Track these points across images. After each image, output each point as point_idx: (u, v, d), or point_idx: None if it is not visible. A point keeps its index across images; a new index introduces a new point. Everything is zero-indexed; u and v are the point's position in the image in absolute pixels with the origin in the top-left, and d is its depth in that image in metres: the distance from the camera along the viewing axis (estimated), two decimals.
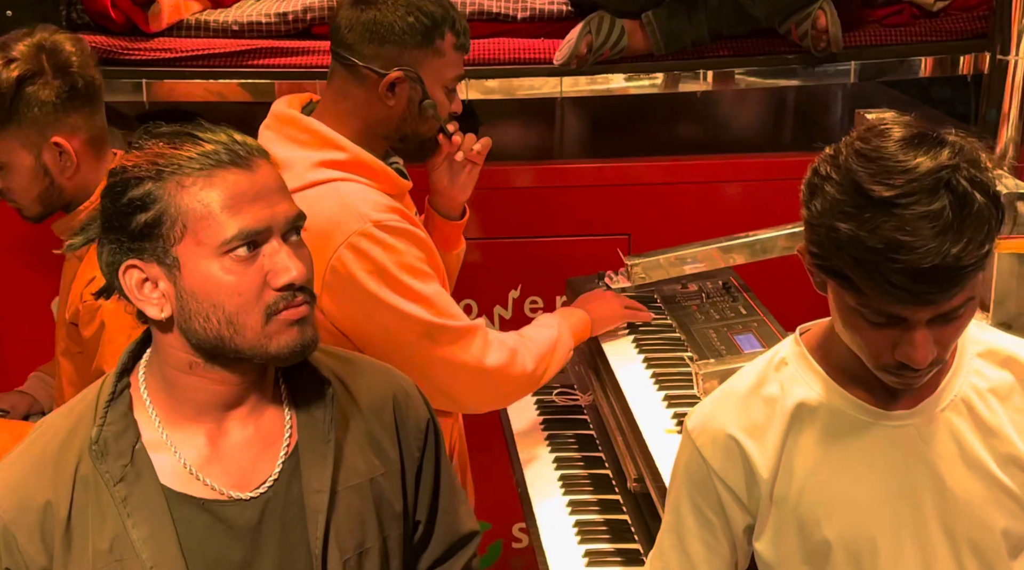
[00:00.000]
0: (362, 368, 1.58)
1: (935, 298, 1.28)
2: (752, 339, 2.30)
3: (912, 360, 1.33)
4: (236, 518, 1.42)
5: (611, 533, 2.18)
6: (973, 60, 2.89)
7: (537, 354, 2.19)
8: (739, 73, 2.93)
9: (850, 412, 1.47)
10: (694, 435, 1.53)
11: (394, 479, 1.52)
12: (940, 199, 1.25)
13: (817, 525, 1.47)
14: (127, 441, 1.41)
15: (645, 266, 2.51)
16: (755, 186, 2.98)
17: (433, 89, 2.06)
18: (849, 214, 1.27)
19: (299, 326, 1.40)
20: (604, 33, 2.79)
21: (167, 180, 1.36)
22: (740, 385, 1.54)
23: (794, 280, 2.83)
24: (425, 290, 2.03)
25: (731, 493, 1.51)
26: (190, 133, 1.40)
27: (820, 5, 2.79)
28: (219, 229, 1.36)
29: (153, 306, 1.39)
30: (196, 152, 1.37)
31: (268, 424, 1.46)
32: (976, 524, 1.46)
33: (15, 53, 1.94)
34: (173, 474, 1.41)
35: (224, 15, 2.85)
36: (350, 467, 1.48)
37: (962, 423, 1.47)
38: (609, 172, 3.03)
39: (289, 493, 1.44)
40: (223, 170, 1.36)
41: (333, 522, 1.44)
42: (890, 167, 1.27)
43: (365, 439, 1.51)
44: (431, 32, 2.02)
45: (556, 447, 2.47)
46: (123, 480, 1.39)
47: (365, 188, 2.03)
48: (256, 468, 1.44)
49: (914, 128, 1.31)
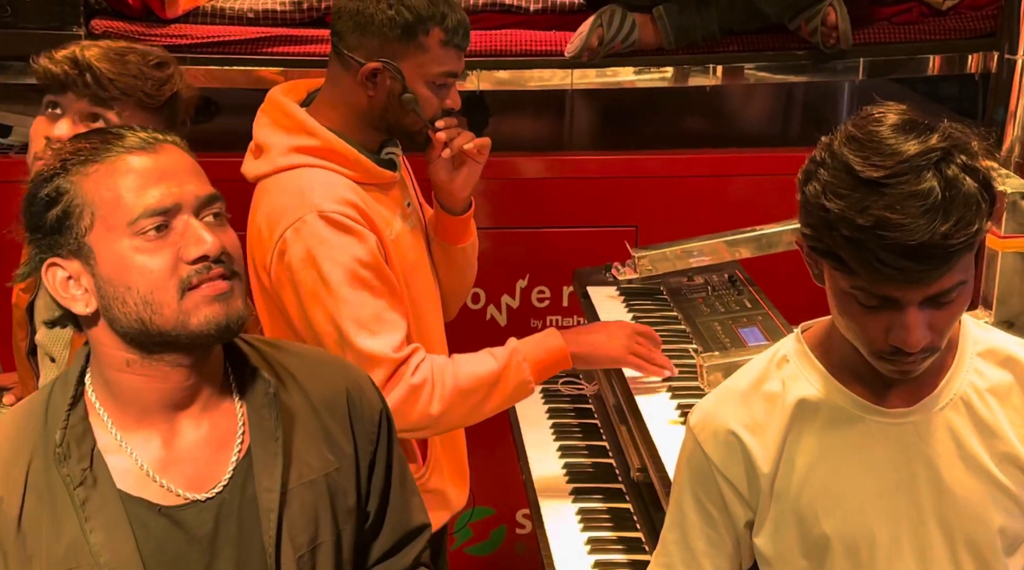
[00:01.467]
0: (314, 362, 1.55)
1: (924, 277, 1.30)
2: (757, 332, 2.31)
3: (905, 343, 1.34)
4: (193, 522, 1.40)
5: (613, 521, 2.21)
6: (981, 59, 2.90)
7: (453, 393, 2.02)
8: (748, 68, 2.94)
9: (850, 409, 1.48)
10: (696, 430, 1.55)
11: (348, 473, 1.50)
12: (929, 180, 1.28)
13: (816, 520, 1.49)
14: (87, 444, 1.40)
15: (652, 258, 2.53)
16: (762, 181, 3.00)
17: (414, 83, 2.03)
18: (840, 194, 1.30)
19: (220, 301, 1.37)
20: (615, 26, 2.80)
21: (72, 172, 1.37)
22: (741, 382, 1.56)
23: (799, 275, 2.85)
24: (347, 294, 1.96)
25: (732, 488, 1.53)
26: (101, 132, 1.42)
27: (830, 2, 2.79)
28: (126, 210, 1.35)
29: (78, 301, 1.39)
30: (100, 142, 1.38)
31: (221, 423, 1.45)
32: (973, 521, 1.48)
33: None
34: (129, 478, 1.40)
35: (239, 3, 2.87)
36: (302, 463, 1.46)
37: (961, 421, 1.48)
38: (618, 164, 3.04)
39: (244, 494, 1.43)
40: (127, 154, 1.37)
41: (286, 519, 1.42)
42: (881, 150, 1.30)
43: (318, 434, 1.49)
44: (413, 27, 1.99)
45: (561, 436, 2.50)
46: (83, 484, 1.37)
47: (332, 176, 2.01)
48: (211, 468, 1.43)
49: (907, 115, 1.34)
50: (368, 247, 1.98)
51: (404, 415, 1.97)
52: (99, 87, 1.86)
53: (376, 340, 1.97)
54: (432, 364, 2.02)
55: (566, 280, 2.89)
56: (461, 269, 2.30)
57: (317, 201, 1.96)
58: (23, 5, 2.65)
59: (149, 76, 1.90)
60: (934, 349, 1.38)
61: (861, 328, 1.38)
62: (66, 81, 1.86)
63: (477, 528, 3.15)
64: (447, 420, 2.05)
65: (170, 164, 1.39)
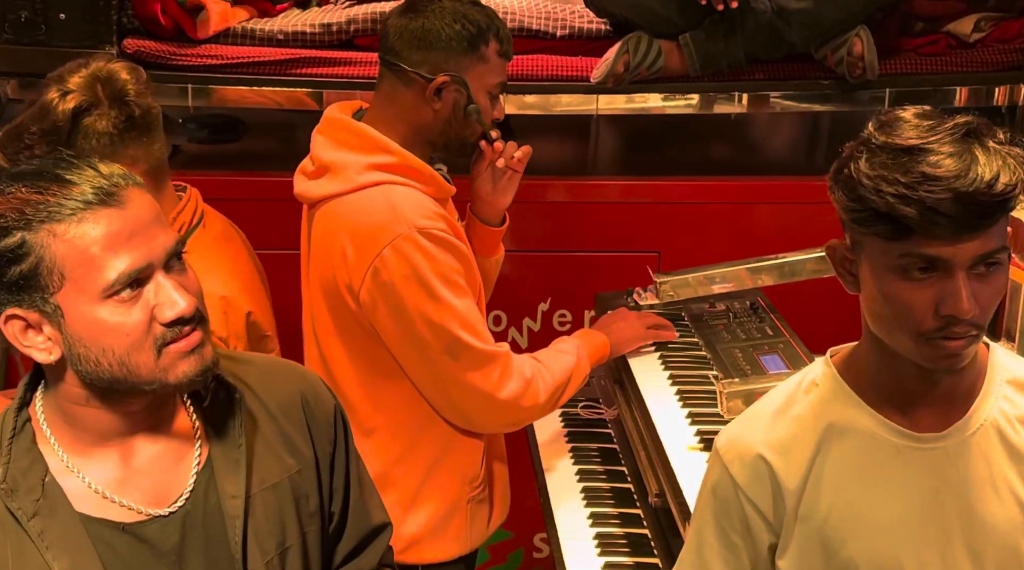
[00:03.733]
0: (265, 369, 1.55)
1: (974, 226, 1.32)
2: (778, 360, 2.31)
3: (958, 309, 1.34)
4: (158, 537, 1.40)
5: (631, 546, 2.20)
6: (1008, 91, 2.90)
7: (552, 385, 2.20)
8: (774, 97, 2.95)
9: (880, 433, 1.48)
10: (722, 453, 1.55)
11: (310, 475, 1.51)
12: (963, 141, 1.34)
13: (843, 544, 1.48)
14: (35, 475, 1.38)
15: (674, 284, 2.53)
16: (786, 209, 3.00)
17: (477, 94, 2.12)
18: (883, 163, 1.34)
19: (196, 353, 1.37)
20: (641, 53, 2.82)
21: (37, 230, 1.31)
22: (769, 405, 1.56)
23: (821, 303, 2.85)
24: (457, 304, 2.06)
25: (757, 511, 1.52)
26: (53, 173, 1.34)
27: (857, 32, 2.80)
28: (99, 274, 1.31)
29: (40, 351, 1.36)
30: (64, 196, 1.31)
31: (177, 437, 1.44)
32: (1003, 549, 1.47)
33: (70, 84, 1.91)
34: (88, 500, 1.39)
35: (270, 24, 2.91)
36: (264, 469, 1.46)
37: (992, 448, 1.47)
38: (642, 190, 3.05)
39: (207, 503, 1.42)
40: (94, 212, 1.31)
41: (252, 525, 1.42)
42: (911, 125, 1.36)
43: (277, 439, 1.49)
44: (476, 39, 2.08)
45: (579, 459, 2.50)
46: (37, 514, 1.36)
47: (414, 192, 2.07)
48: (171, 483, 1.42)
49: (925, 110, 1.40)
50: (463, 257, 2.09)
51: (519, 407, 2.16)
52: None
53: (488, 341, 2.11)
54: (529, 360, 2.19)
55: (588, 304, 2.89)
56: (489, 281, 2.38)
57: (412, 218, 2.03)
58: (57, 24, 2.69)
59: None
60: (980, 327, 1.38)
61: (908, 309, 1.37)
62: None
63: (495, 551, 3.15)
64: (547, 409, 2.23)
65: (137, 217, 1.34)
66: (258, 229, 2.42)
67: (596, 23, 2.96)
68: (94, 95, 1.91)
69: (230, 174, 2.97)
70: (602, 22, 2.96)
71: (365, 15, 2.89)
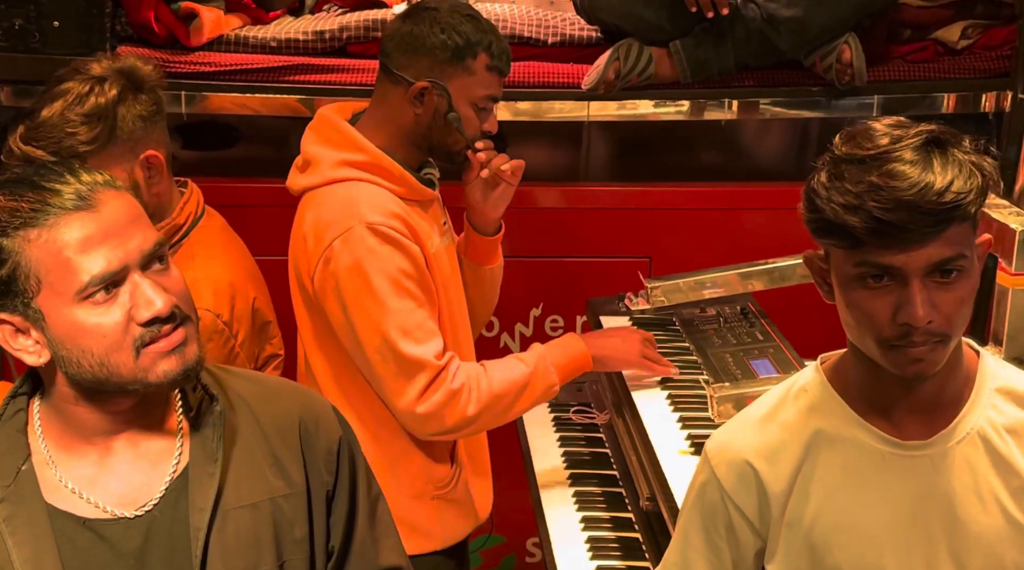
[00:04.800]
0: (272, 390, 1.55)
1: (921, 236, 1.33)
2: (768, 364, 2.33)
3: (912, 317, 1.35)
4: (119, 538, 1.40)
5: (622, 550, 2.22)
6: (995, 98, 2.93)
7: (488, 397, 2.14)
8: (764, 103, 2.97)
9: (867, 441, 1.49)
10: (711, 457, 1.56)
11: (298, 502, 1.48)
12: (920, 150, 1.35)
13: (829, 550, 1.49)
14: (12, 462, 1.40)
15: (665, 289, 2.55)
16: (776, 214, 3.01)
17: (459, 104, 2.14)
18: (839, 174, 1.36)
19: (176, 353, 1.38)
20: (632, 60, 2.84)
21: (13, 236, 1.34)
22: (758, 411, 1.57)
23: (811, 308, 2.86)
24: (394, 304, 2.06)
25: (743, 516, 1.54)
26: (31, 181, 1.37)
27: (845, 39, 2.82)
28: (73, 277, 1.33)
29: (30, 355, 1.39)
30: (39, 202, 1.34)
31: (158, 443, 1.45)
32: (987, 557, 1.47)
33: (102, 73, 1.96)
34: (59, 494, 1.40)
35: (263, 32, 2.92)
36: (243, 487, 1.45)
37: (978, 456, 1.48)
38: (633, 196, 3.08)
39: (176, 512, 1.42)
40: (67, 216, 1.34)
41: (219, 542, 1.41)
42: (874, 136, 1.38)
43: (266, 460, 1.48)
44: (462, 51, 2.11)
45: (571, 464, 2.51)
46: (4, 500, 1.38)
47: (379, 190, 2.10)
48: (144, 487, 1.43)
49: (900, 120, 1.42)
50: (412, 259, 2.08)
51: (443, 418, 2.12)
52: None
53: (420, 347, 2.08)
54: (468, 370, 2.15)
55: (580, 309, 2.91)
56: (487, 290, 2.40)
57: (365, 213, 2.06)
58: (51, 31, 2.70)
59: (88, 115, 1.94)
60: (943, 335, 1.38)
61: (868, 316, 1.39)
62: None
63: (488, 556, 3.16)
64: (481, 422, 2.17)
65: (111, 219, 1.36)
66: (251, 235, 2.43)
67: (587, 30, 2.98)
68: (127, 81, 1.98)
69: (226, 180, 2.99)
70: (593, 29, 2.98)
71: (358, 23, 2.90)
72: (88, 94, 1.94)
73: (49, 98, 1.94)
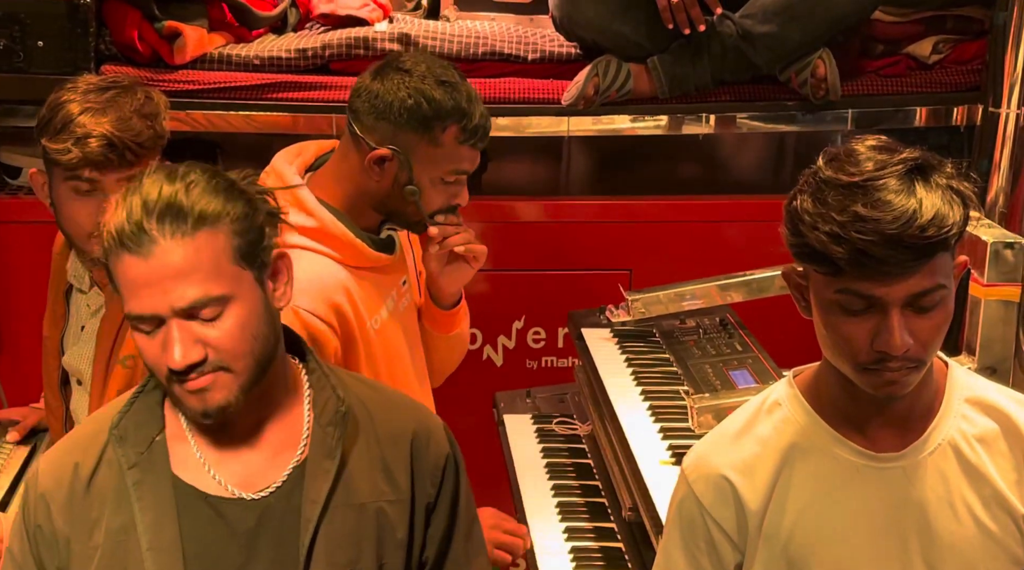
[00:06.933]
0: (391, 401, 1.64)
1: (903, 269, 1.34)
2: (747, 375, 2.35)
3: (889, 346, 1.37)
4: (236, 517, 1.49)
5: (605, 560, 2.23)
6: (966, 112, 2.96)
7: None
8: (740, 117, 3.00)
9: (840, 453, 1.51)
10: (687, 473, 1.58)
11: (402, 508, 1.56)
12: (904, 180, 1.35)
13: (806, 563, 1.51)
14: (148, 431, 1.52)
15: (645, 301, 2.58)
16: (754, 227, 3.05)
17: (421, 176, 1.99)
18: (822, 200, 1.37)
19: (198, 395, 1.45)
20: (611, 76, 2.87)
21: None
22: (733, 426, 1.59)
23: (788, 319, 2.90)
24: None
25: (722, 531, 1.55)
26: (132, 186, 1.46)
27: (820, 55, 2.86)
28: (124, 304, 1.46)
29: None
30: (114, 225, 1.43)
31: (285, 432, 1.54)
32: (960, 565, 1.50)
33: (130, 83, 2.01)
34: (186, 467, 1.51)
35: (246, 50, 2.94)
36: (354, 486, 1.53)
37: (950, 467, 1.50)
38: (613, 209, 3.10)
39: (290, 502, 1.51)
40: (121, 252, 1.43)
41: (326, 535, 1.49)
42: (857, 160, 1.39)
43: (378, 465, 1.56)
44: (430, 121, 1.96)
45: (554, 475, 2.53)
46: (136, 466, 1.49)
47: (323, 264, 1.97)
48: (265, 472, 1.52)
49: (883, 140, 1.43)
50: (328, 347, 1.94)
51: None
52: (135, 156, 1.93)
53: None
54: None
55: (561, 322, 2.93)
56: (446, 353, 2.29)
57: (297, 297, 1.74)
58: (35, 51, 2.71)
59: (152, 116, 1.97)
60: (918, 361, 1.41)
61: (846, 340, 1.40)
62: (107, 164, 1.92)
63: None
64: None
65: (159, 270, 1.42)
66: None
67: (566, 47, 3.01)
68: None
69: None
70: (572, 46, 3.01)
71: (340, 40, 2.93)
72: (135, 93, 1.97)
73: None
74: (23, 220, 2.90)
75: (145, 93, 2.00)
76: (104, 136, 1.90)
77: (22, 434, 2.48)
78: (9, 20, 2.69)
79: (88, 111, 1.93)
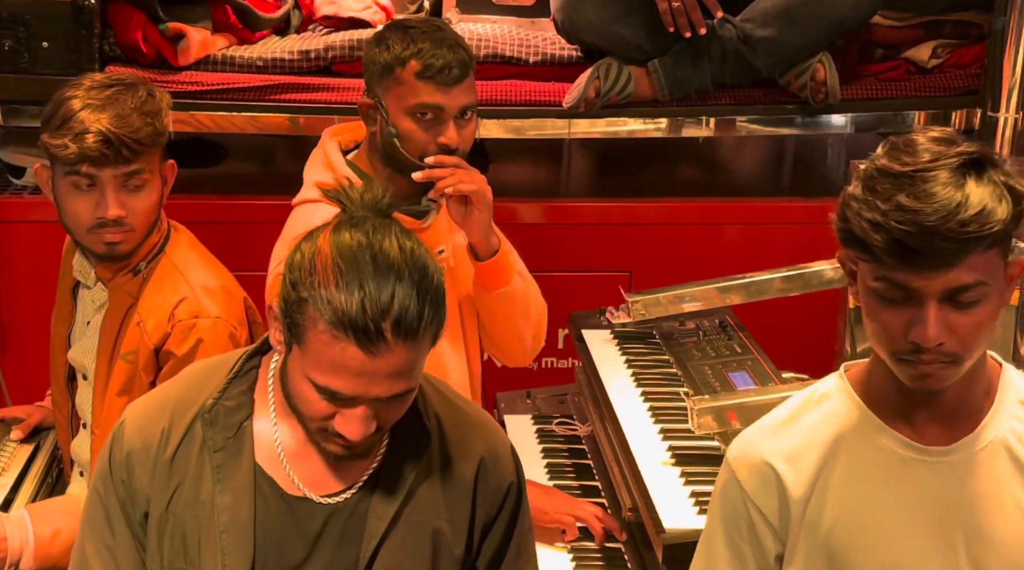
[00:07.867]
0: (466, 420, 1.62)
1: (939, 262, 1.33)
2: (746, 376, 2.35)
3: (922, 337, 1.36)
4: (306, 517, 1.51)
5: (605, 560, 2.24)
6: (965, 116, 2.98)
7: None
8: (740, 120, 3.01)
9: (887, 444, 1.50)
10: (732, 461, 1.57)
11: (460, 527, 1.57)
12: (953, 173, 1.34)
13: (847, 555, 1.50)
14: (237, 417, 1.53)
15: (645, 303, 2.58)
16: (753, 229, 3.07)
17: (396, 117, 2.12)
18: (871, 187, 1.37)
19: (344, 445, 1.46)
20: (612, 79, 2.88)
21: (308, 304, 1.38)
22: (779, 416, 1.58)
23: (787, 321, 2.92)
24: None
25: (764, 519, 1.54)
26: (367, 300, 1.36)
27: (819, 59, 2.88)
28: (317, 375, 1.40)
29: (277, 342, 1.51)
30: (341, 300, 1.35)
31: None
32: (1006, 563, 1.48)
33: (134, 81, 2.04)
34: (266, 456, 1.53)
35: (249, 51, 2.95)
36: (418, 504, 1.54)
37: (1001, 465, 1.49)
38: (613, 211, 3.11)
39: (356, 511, 1.52)
40: (345, 340, 1.36)
41: (388, 549, 1.51)
42: (914, 151, 1.38)
43: (443, 483, 1.56)
44: (390, 63, 2.11)
45: (554, 475, 2.53)
46: (223, 450, 1.51)
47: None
48: (338, 476, 1.53)
49: (948, 133, 1.42)
50: None
51: None
52: (133, 152, 1.95)
53: None
54: None
55: (562, 323, 2.94)
56: (499, 317, 2.28)
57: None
58: (40, 52, 2.72)
59: (152, 113, 1.99)
60: (954, 356, 1.39)
61: (883, 327, 1.40)
62: (103, 160, 1.94)
63: None
64: None
65: (382, 369, 1.39)
66: (238, 252, 2.47)
67: (567, 50, 3.02)
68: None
69: (211, 198, 3.02)
70: (573, 49, 3.02)
71: (343, 42, 2.94)
72: (151, 93, 2.02)
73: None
74: (28, 220, 2.92)
75: (147, 90, 2.02)
76: (101, 132, 1.92)
77: (26, 432, 2.49)
78: (14, 21, 2.70)
79: (88, 107, 1.95)
